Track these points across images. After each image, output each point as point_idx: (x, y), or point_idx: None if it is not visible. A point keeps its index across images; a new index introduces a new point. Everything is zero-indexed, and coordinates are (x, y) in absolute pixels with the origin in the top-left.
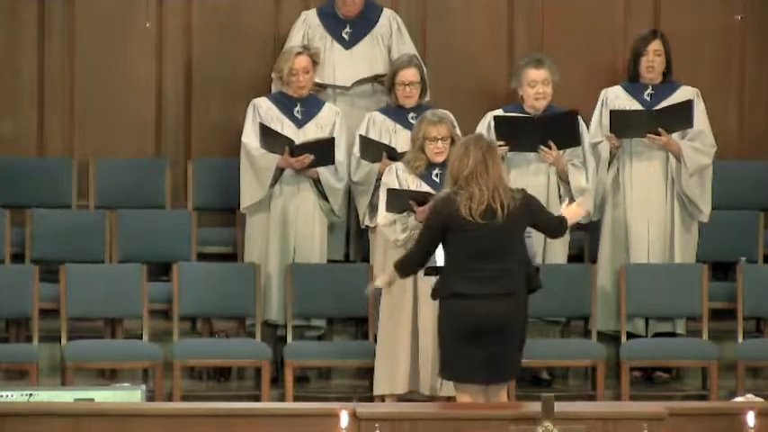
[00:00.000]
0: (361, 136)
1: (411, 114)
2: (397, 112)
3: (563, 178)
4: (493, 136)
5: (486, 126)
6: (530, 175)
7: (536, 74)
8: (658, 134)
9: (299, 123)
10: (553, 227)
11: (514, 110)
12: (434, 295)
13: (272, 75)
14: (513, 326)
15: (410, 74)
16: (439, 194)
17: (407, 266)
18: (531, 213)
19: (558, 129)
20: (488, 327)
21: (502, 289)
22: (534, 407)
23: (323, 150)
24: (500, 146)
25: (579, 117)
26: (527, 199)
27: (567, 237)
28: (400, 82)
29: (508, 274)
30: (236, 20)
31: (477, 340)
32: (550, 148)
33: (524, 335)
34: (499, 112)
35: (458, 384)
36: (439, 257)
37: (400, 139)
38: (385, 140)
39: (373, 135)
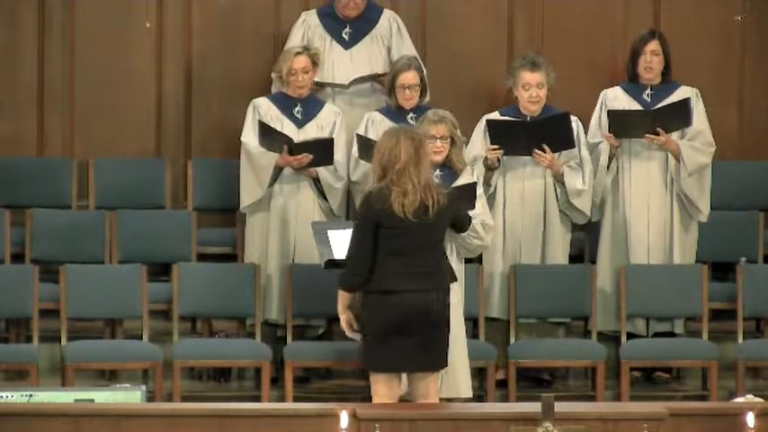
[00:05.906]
0: (358, 135)
1: (410, 115)
2: (396, 113)
3: (559, 180)
4: (488, 140)
5: (481, 130)
6: (526, 178)
7: (530, 77)
8: (657, 134)
9: (300, 123)
10: (461, 222)
11: (510, 112)
12: (365, 289)
13: (272, 75)
14: (441, 318)
15: (410, 77)
16: (371, 188)
17: (352, 277)
18: (455, 210)
19: (551, 131)
20: (416, 318)
21: (433, 284)
22: (534, 407)
23: (322, 150)
24: (494, 149)
25: (575, 119)
26: (452, 196)
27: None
28: (400, 85)
29: (438, 269)
30: (236, 20)
31: (405, 331)
32: (544, 151)
33: (449, 326)
34: (495, 114)
35: (376, 375)
36: (336, 250)
37: None
38: None
39: (372, 135)
